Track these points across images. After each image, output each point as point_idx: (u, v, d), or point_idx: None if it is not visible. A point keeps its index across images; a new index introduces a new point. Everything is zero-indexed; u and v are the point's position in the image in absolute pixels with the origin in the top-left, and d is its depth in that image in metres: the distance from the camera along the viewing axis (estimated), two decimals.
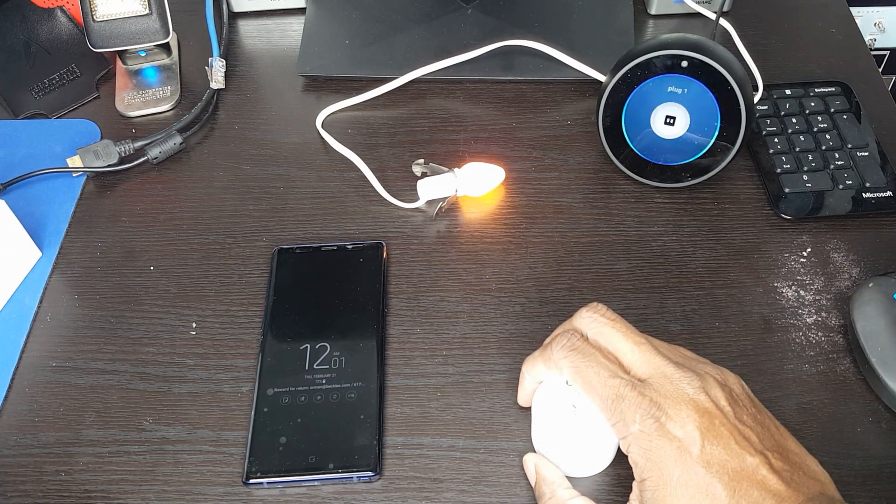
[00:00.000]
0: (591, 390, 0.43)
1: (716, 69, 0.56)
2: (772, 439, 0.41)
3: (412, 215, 0.61)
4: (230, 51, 0.73)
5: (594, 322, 0.45)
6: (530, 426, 0.50)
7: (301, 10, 0.76)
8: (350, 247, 0.58)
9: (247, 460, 0.49)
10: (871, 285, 0.53)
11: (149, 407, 0.52)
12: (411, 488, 0.49)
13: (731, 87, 0.56)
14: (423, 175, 0.63)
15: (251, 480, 0.48)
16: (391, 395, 0.52)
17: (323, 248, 0.58)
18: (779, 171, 0.61)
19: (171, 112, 0.69)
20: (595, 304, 0.46)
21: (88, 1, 0.65)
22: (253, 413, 0.51)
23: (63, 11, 0.73)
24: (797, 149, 0.62)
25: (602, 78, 0.66)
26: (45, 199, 0.63)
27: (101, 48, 0.67)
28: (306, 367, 0.52)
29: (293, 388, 0.51)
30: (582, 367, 0.44)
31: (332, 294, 0.56)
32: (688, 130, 0.59)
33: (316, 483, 0.49)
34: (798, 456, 0.41)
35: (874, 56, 0.87)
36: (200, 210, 0.62)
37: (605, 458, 0.48)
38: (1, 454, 0.51)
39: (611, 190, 0.62)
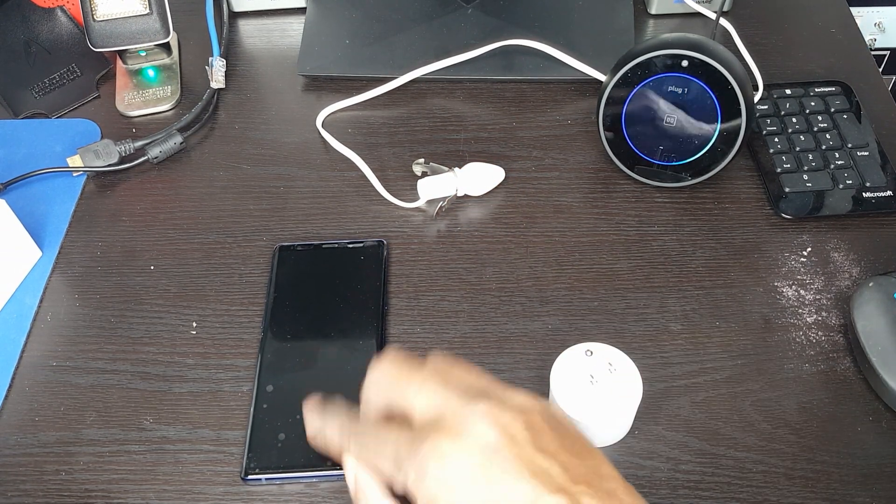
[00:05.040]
0: (379, 473, 0.38)
1: (716, 69, 0.56)
2: (583, 467, 0.35)
3: (412, 215, 0.61)
4: (230, 50, 0.73)
5: (374, 386, 0.40)
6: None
7: (301, 10, 0.76)
8: (351, 245, 0.58)
9: (245, 457, 0.49)
10: (871, 285, 0.53)
11: (149, 406, 0.52)
12: None
13: (732, 87, 0.56)
14: (424, 175, 0.63)
15: (249, 477, 0.48)
16: None
17: (324, 247, 0.58)
18: (779, 170, 0.61)
19: (172, 112, 0.69)
20: (373, 364, 0.40)
21: (88, 0, 0.65)
22: (252, 409, 0.51)
23: (63, 11, 0.73)
24: (797, 148, 0.63)
25: (602, 77, 0.66)
26: (46, 198, 0.63)
27: (101, 48, 0.67)
28: (306, 365, 0.52)
29: (292, 385, 0.51)
30: (365, 455, 0.39)
31: (333, 292, 0.56)
32: (688, 130, 0.59)
33: (314, 479, 0.49)
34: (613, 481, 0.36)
35: (874, 56, 0.87)
36: (201, 209, 0.62)
37: (623, 429, 0.49)
38: (1, 454, 0.51)
39: (611, 190, 0.62)
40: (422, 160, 0.63)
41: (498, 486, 0.34)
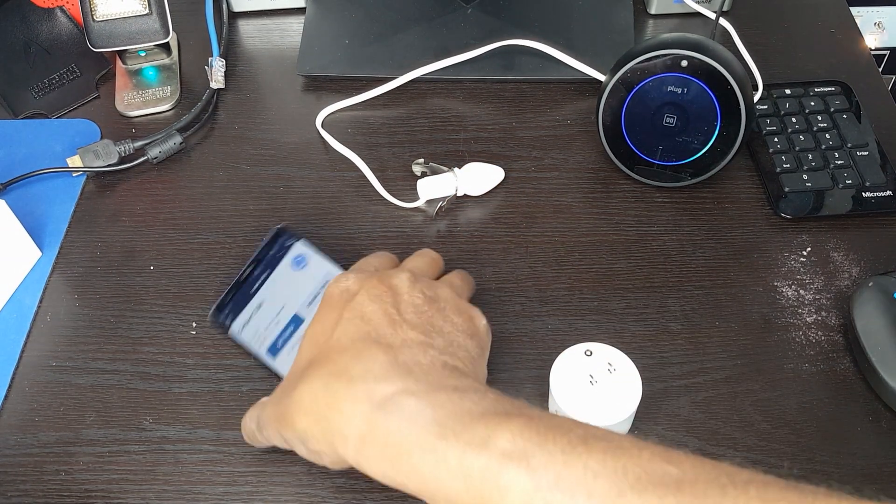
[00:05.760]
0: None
1: (716, 69, 0.56)
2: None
3: (412, 215, 0.61)
4: (230, 50, 0.73)
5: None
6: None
7: (301, 10, 0.76)
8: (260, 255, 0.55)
9: None
10: (871, 284, 0.53)
11: (149, 406, 0.52)
12: None
13: (731, 87, 0.56)
14: (423, 175, 0.63)
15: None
16: None
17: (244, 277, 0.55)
18: (779, 170, 0.61)
19: (171, 112, 0.69)
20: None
21: (88, 1, 0.65)
22: None
23: (63, 11, 0.73)
24: (797, 148, 0.63)
25: (602, 77, 0.66)
26: (45, 198, 0.63)
27: (101, 48, 0.67)
28: None
29: None
30: None
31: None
32: (688, 130, 0.59)
33: None
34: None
35: (874, 56, 0.87)
36: (200, 210, 0.62)
37: (622, 429, 0.49)
38: (1, 454, 0.51)
39: (611, 190, 0.62)
40: (421, 160, 0.63)
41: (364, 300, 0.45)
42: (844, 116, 0.64)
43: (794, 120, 0.64)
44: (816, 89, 0.66)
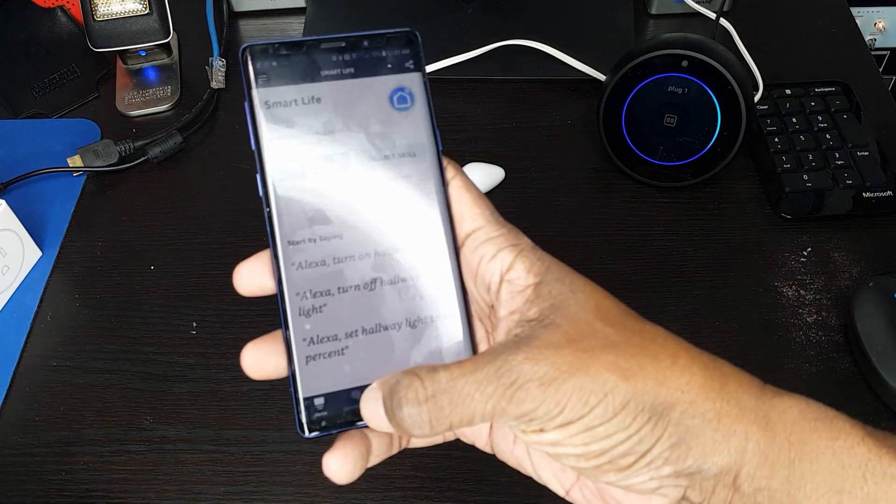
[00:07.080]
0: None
1: (716, 69, 0.56)
2: None
3: None
4: (231, 50, 0.73)
5: None
6: None
7: (301, 10, 0.76)
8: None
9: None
10: (871, 285, 0.53)
11: (149, 406, 0.52)
12: (411, 487, 0.49)
13: (732, 87, 0.56)
14: None
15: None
16: None
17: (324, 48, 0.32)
18: (779, 170, 0.61)
19: (172, 111, 0.69)
20: None
21: (89, 1, 0.65)
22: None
23: (63, 11, 0.73)
24: (797, 148, 0.62)
25: (602, 77, 0.66)
26: (46, 198, 0.63)
27: (101, 48, 0.67)
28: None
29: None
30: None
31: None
32: (688, 130, 0.59)
33: None
34: None
35: (874, 56, 0.87)
36: (201, 209, 0.62)
37: None
38: (1, 454, 0.51)
39: (611, 190, 0.62)
40: None
41: None
42: (844, 116, 0.64)
43: (794, 120, 0.64)
44: (816, 89, 0.66)
